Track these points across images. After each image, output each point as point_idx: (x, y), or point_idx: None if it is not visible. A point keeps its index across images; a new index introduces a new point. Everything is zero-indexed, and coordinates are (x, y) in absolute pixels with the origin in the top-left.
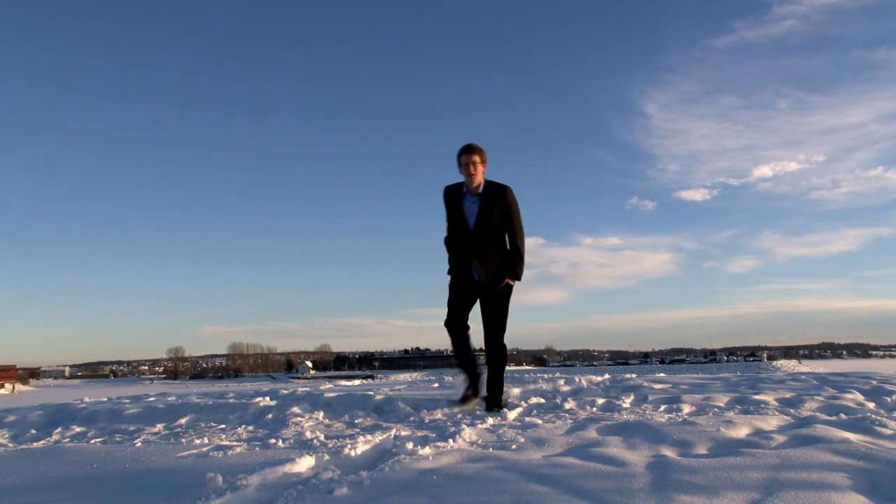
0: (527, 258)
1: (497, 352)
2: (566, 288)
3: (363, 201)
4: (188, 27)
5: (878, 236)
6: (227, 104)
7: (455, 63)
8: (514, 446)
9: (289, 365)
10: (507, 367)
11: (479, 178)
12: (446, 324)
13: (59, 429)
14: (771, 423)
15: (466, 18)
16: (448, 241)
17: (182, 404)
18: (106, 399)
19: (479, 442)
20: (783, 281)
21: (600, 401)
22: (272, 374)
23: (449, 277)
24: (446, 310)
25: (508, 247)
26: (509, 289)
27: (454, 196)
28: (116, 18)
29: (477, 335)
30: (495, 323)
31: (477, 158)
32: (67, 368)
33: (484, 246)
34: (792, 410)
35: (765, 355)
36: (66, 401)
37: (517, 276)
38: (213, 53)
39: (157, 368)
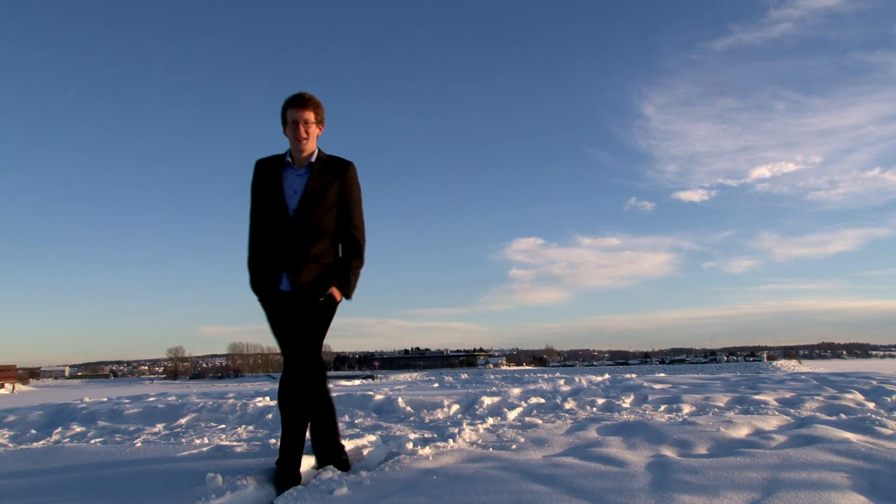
0: (525, 258)
1: (316, 374)
2: (566, 288)
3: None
4: (187, 27)
5: (876, 237)
6: (226, 104)
7: (455, 64)
8: (514, 446)
9: None
10: (508, 368)
11: (312, 145)
12: (283, 390)
13: (59, 429)
14: (771, 423)
15: (466, 20)
16: (252, 251)
17: (182, 404)
18: (106, 399)
19: (479, 442)
20: (782, 281)
21: (600, 401)
22: (272, 374)
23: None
24: (282, 365)
25: (341, 247)
26: (333, 304)
27: (270, 169)
28: (116, 18)
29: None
30: (305, 336)
31: (311, 116)
32: (67, 368)
33: (306, 238)
34: (792, 410)
35: (765, 355)
36: (66, 401)
37: (347, 291)
38: (214, 54)
39: (157, 368)
